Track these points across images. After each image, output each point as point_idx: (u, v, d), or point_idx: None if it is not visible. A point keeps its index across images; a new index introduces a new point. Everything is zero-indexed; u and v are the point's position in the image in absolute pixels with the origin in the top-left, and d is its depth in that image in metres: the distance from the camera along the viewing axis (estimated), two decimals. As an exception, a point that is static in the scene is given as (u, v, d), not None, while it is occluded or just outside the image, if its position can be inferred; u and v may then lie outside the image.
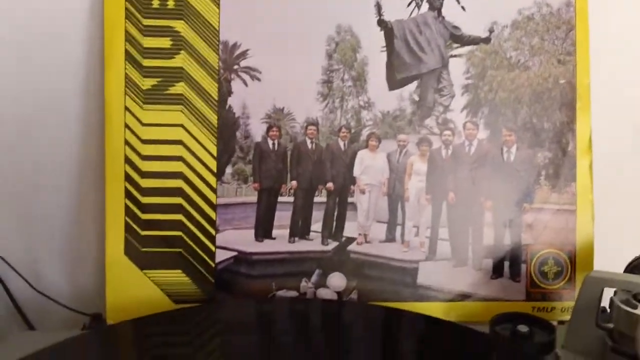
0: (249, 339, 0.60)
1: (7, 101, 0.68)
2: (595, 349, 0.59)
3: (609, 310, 0.60)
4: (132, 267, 0.67)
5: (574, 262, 0.69)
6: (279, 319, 0.66)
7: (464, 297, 0.69)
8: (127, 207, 0.67)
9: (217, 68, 0.68)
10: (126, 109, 0.67)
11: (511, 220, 0.69)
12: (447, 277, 0.69)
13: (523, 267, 0.69)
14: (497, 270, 0.69)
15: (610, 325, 0.58)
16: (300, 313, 0.67)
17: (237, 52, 0.68)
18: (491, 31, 0.69)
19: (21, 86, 0.68)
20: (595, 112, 0.69)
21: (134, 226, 0.67)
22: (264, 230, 0.69)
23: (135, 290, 0.67)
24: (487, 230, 0.69)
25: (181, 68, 0.67)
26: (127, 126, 0.67)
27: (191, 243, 0.68)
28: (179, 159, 0.67)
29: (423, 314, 0.65)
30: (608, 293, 0.60)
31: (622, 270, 0.62)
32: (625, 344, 0.57)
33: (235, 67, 0.68)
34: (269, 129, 0.68)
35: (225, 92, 0.68)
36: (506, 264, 0.69)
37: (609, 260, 0.63)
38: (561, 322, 0.67)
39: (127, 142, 0.67)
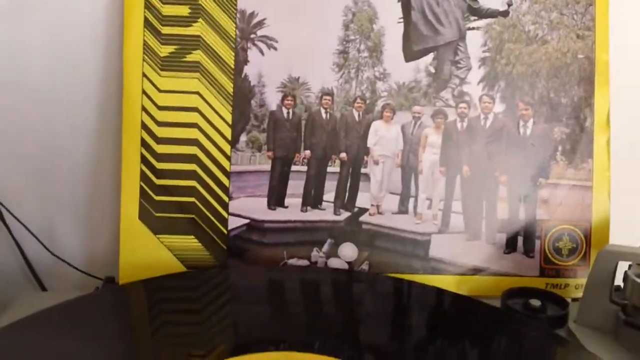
0: (258, 305, 0.60)
1: (25, 66, 0.69)
2: (608, 323, 0.58)
3: (622, 285, 0.59)
4: (146, 231, 0.68)
5: (589, 238, 0.68)
6: (290, 287, 0.66)
7: (476, 271, 0.68)
8: (142, 173, 0.68)
9: (234, 37, 0.68)
10: (144, 75, 0.67)
11: (526, 195, 0.68)
12: (459, 250, 0.68)
13: (537, 242, 0.68)
14: (510, 245, 0.68)
15: (625, 301, 0.58)
16: (311, 282, 0.67)
17: (255, 21, 0.68)
18: (509, 4, 0.68)
19: (39, 51, 0.69)
20: (613, 89, 0.69)
21: (149, 191, 0.68)
22: (276, 198, 0.69)
23: (148, 254, 0.67)
24: (502, 204, 0.68)
25: (199, 36, 0.68)
26: (144, 92, 0.67)
27: (204, 210, 0.68)
28: (195, 126, 0.68)
29: (434, 286, 0.64)
30: (622, 268, 0.59)
31: (638, 248, 0.61)
32: (639, 317, 0.56)
33: (252, 36, 0.68)
34: (284, 98, 0.69)
35: (241, 60, 0.68)
36: (520, 239, 0.68)
37: (625, 238, 0.62)
38: (575, 300, 0.66)
39: (144, 109, 0.67)
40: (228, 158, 0.68)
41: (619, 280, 0.59)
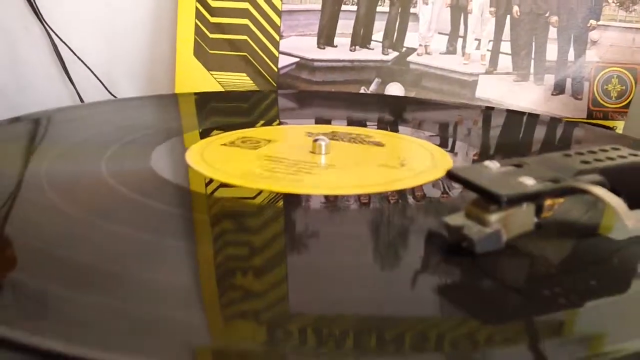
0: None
1: None
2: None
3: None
4: (200, 68, 0.70)
5: (638, 81, 0.68)
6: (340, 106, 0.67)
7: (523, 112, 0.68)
8: (197, 11, 0.70)
9: None
10: None
11: (576, 36, 0.68)
12: (507, 91, 0.69)
13: (586, 84, 0.68)
14: (558, 87, 0.68)
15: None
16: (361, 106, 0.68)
17: None
18: None
19: None
20: None
21: (204, 29, 0.70)
22: (326, 37, 0.70)
23: (202, 90, 0.70)
24: (551, 45, 0.68)
25: None
26: None
27: (256, 47, 0.70)
28: (248, -36, 0.70)
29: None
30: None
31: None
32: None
33: None
34: None
35: None
36: (569, 80, 0.68)
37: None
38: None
39: (200, -53, 0.70)
40: (280, -3, 0.70)
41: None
